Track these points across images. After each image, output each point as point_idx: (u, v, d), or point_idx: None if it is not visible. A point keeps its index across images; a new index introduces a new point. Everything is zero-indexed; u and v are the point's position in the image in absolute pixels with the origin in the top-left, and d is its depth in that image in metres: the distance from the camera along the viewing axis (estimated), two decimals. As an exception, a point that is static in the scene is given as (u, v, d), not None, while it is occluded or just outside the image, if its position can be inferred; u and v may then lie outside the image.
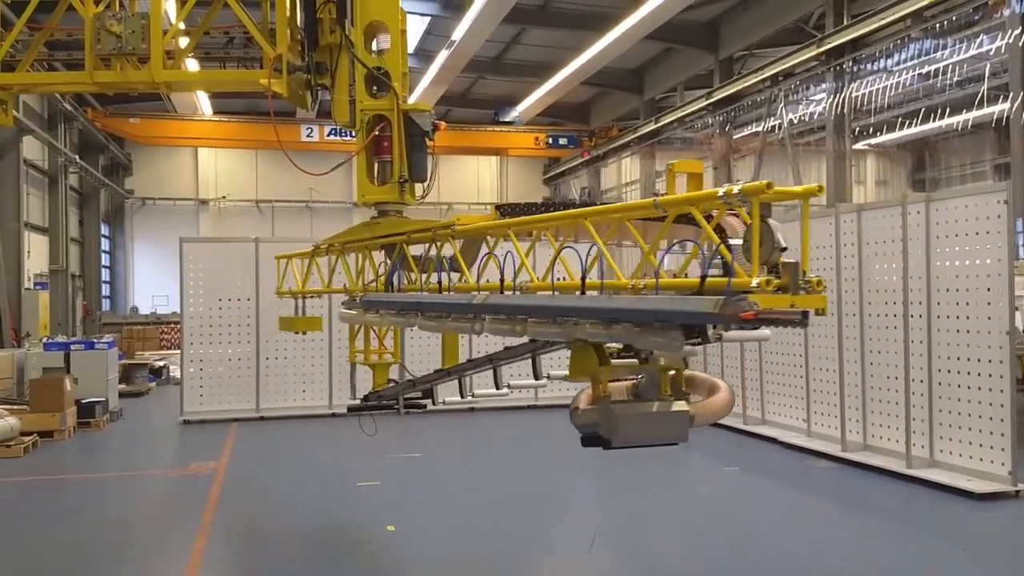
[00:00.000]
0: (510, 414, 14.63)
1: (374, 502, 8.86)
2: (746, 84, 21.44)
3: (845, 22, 17.95)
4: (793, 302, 3.60)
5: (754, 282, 3.14)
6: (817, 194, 3.27)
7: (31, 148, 22.88)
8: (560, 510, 8.71)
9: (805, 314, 3.50)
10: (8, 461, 11.04)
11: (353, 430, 8.80)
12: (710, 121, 24.18)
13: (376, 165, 6.44)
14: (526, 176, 37.37)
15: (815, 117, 21.59)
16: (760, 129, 22.92)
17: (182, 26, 6.56)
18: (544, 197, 37.60)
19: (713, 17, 22.96)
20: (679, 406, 4.56)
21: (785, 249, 3.54)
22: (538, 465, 11.02)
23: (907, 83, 18.88)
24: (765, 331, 4.04)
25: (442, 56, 22.54)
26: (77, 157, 26.28)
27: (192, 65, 7.67)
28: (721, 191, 3.20)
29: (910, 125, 23.19)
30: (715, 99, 22.85)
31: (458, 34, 20.71)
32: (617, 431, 4.42)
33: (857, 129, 21.95)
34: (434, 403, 7.18)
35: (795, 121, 21.77)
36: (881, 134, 26.02)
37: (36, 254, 23.51)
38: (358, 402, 7.48)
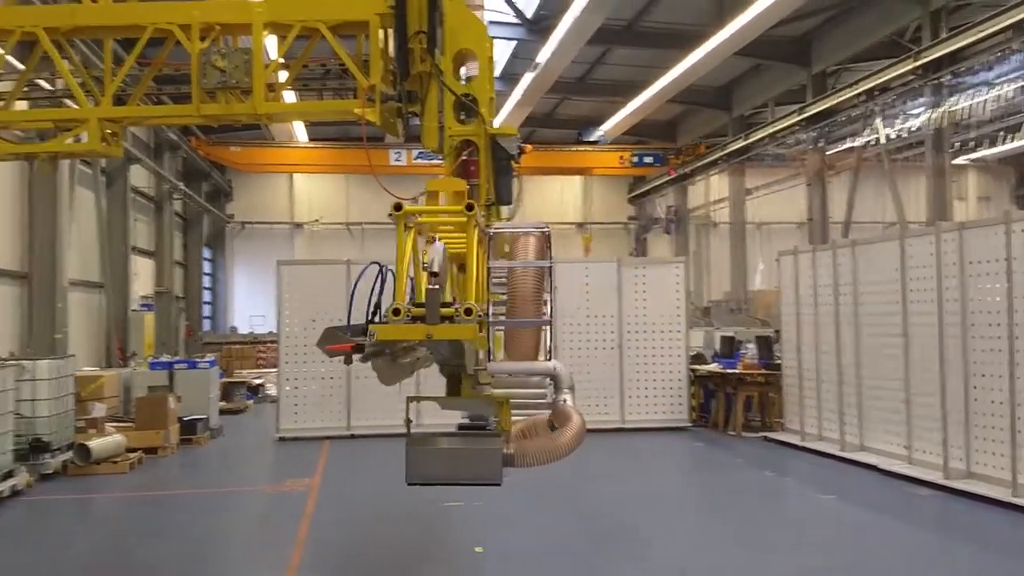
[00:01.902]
0: (595, 436, 14.47)
1: (461, 523, 8.93)
2: (840, 99, 20.96)
3: (943, 35, 17.40)
4: (431, 332, 3.51)
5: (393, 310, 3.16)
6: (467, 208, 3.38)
7: (138, 176, 24.02)
8: (649, 539, 8.55)
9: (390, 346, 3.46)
10: (115, 477, 11.53)
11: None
12: (803, 137, 23.69)
13: (463, 189, 6.54)
14: (611, 195, 37.24)
15: (913, 132, 20.93)
16: (855, 145, 22.34)
17: (281, 60, 6.82)
18: (628, 216, 37.42)
19: (804, 32, 22.57)
20: (490, 444, 4.24)
21: (436, 275, 3.45)
22: (626, 491, 10.91)
23: (1009, 96, 18.12)
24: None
25: (527, 78, 22.74)
26: (181, 184, 27.45)
27: (290, 96, 7.96)
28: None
29: (1012, 139, 22.25)
30: (808, 114, 22.40)
31: (543, 56, 20.87)
32: (409, 467, 4.26)
33: (957, 144, 21.21)
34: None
35: (892, 136, 21.15)
36: (982, 149, 25.02)
37: (142, 277, 24.61)
38: (466, 421, 7.45)
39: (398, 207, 4.21)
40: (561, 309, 15.06)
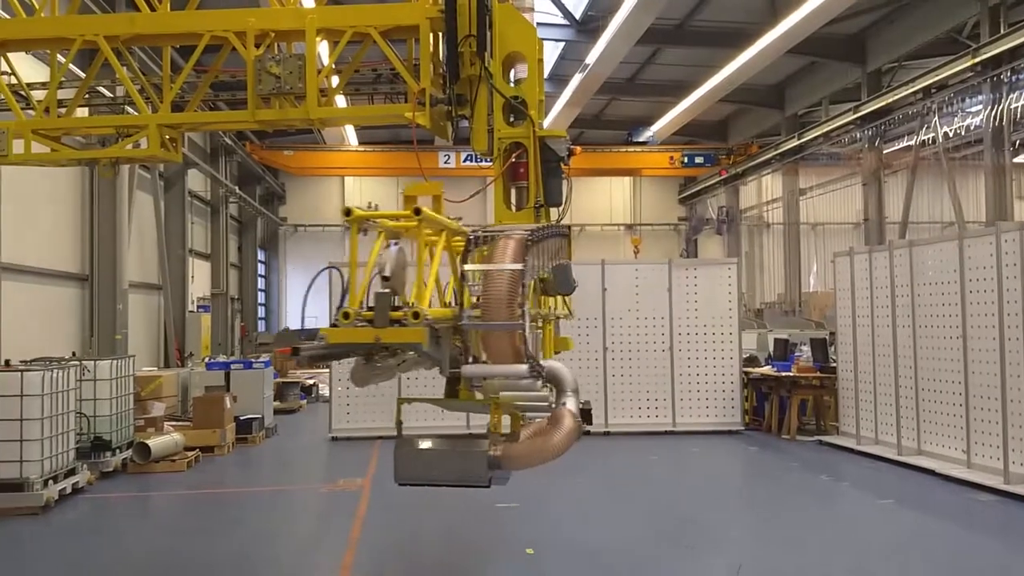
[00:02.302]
0: (647, 439, 14.46)
1: (513, 524, 8.95)
2: (896, 97, 20.57)
3: (1002, 31, 16.95)
4: (378, 336, 3.47)
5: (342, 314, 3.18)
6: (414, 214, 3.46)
7: (195, 180, 24.55)
8: (703, 541, 8.46)
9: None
10: (173, 475, 11.78)
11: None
12: (858, 136, 23.29)
13: (513, 191, 6.57)
14: (660, 196, 36.99)
15: (971, 130, 20.43)
16: (912, 144, 21.88)
17: (333, 65, 6.93)
18: (679, 217, 37.12)
19: (859, 30, 22.19)
20: (476, 446, 4.22)
21: (387, 278, 3.44)
22: (679, 493, 10.84)
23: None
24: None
25: (576, 80, 22.72)
26: (237, 188, 28.00)
27: (341, 101, 8.07)
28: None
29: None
30: (863, 113, 22.02)
31: (592, 57, 20.83)
32: (396, 467, 4.29)
33: (1017, 142, 20.64)
34: (590, 425, 7.13)
35: (950, 135, 20.68)
36: (1043, 146, 24.32)
37: (199, 279, 25.15)
38: None
39: (348, 212, 4.29)
40: (611, 310, 15.02)
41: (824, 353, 14.79)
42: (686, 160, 31.92)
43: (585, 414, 7.03)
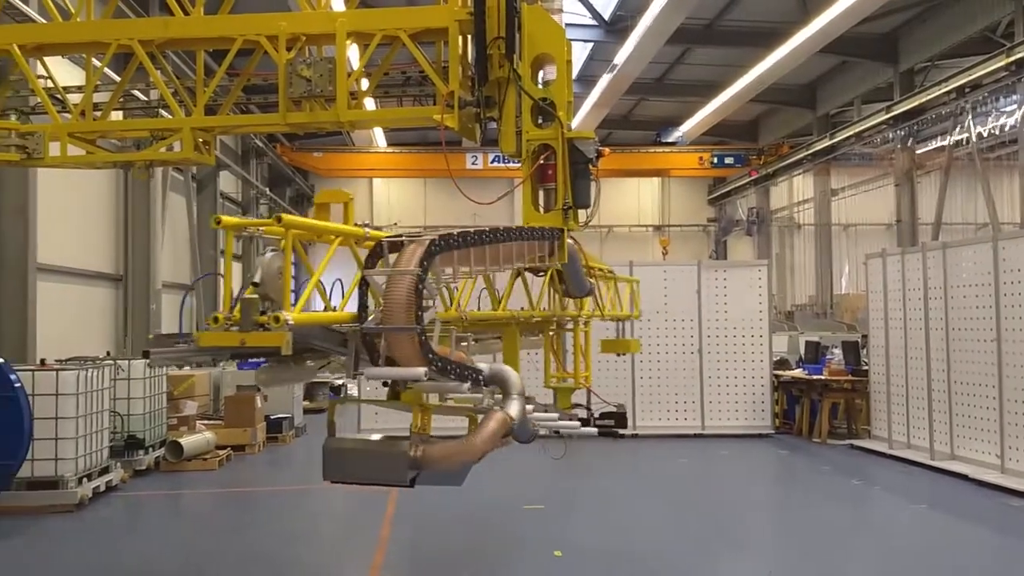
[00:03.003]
0: (675, 442, 14.39)
1: (540, 525, 8.95)
2: (929, 97, 20.30)
3: (1038, 28, 16.69)
4: (244, 339, 3.63)
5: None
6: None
7: (227, 182, 24.82)
8: (734, 545, 8.40)
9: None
10: (205, 473, 11.92)
11: (517, 450, 8.92)
12: (891, 136, 23.02)
13: (541, 192, 6.57)
14: (689, 197, 36.74)
15: (1006, 130, 20.11)
16: (945, 144, 21.59)
17: (363, 68, 6.98)
18: (708, 218, 36.88)
19: (891, 28, 21.94)
20: (396, 446, 4.29)
21: (257, 284, 3.68)
22: (708, 497, 10.78)
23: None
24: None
25: (604, 80, 22.67)
26: (267, 190, 28.25)
27: (370, 103, 8.12)
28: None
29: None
30: (896, 113, 21.75)
31: (621, 58, 20.78)
32: (323, 466, 4.41)
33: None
34: (624, 429, 7.12)
35: (984, 135, 20.38)
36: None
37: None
38: (612, 409, 7.43)
39: (218, 221, 4.38)
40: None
41: (856, 356, 14.63)
42: (716, 160, 31.72)
43: (619, 418, 7.01)
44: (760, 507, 10.28)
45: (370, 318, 4.42)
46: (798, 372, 15.46)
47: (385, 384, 4.48)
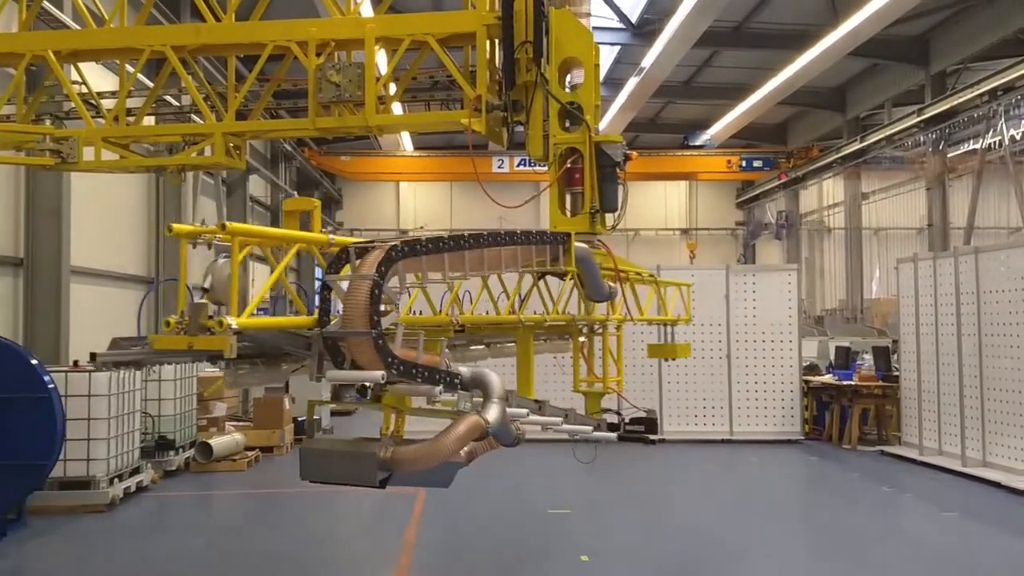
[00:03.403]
0: (703, 447, 14.30)
1: (567, 530, 8.93)
2: (961, 100, 20.01)
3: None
4: (191, 343, 3.80)
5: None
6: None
7: (256, 186, 25.04)
8: (761, 553, 8.31)
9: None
10: (234, 474, 12.03)
11: (543, 455, 8.95)
12: (922, 139, 22.74)
13: (568, 196, 6.57)
14: (717, 200, 36.49)
15: (1040, 133, 19.81)
16: (978, 147, 21.30)
17: (392, 73, 7.02)
18: (736, 222, 36.64)
19: (922, 31, 21.71)
20: (365, 448, 4.41)
21: (207, 290, 3.95)
22: (736, 503, 10.69)
23: None
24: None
25: (631, 83, 22.62)
26: (296, 193, 28.45)
27: (398, 108, 8.17)
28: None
29: None
30: (927, 116, 21.47)
31: (648, 61, 20.72)
32: (300, 466, 4.63)
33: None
34: (655, 435, 7.05)
35: (1017, 138, 20.07)
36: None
37: (259, 282, 25.59)
38: (642, 415, 7.39)
39: (169, 228, 4.57)
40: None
41: (887, 361, 14.46)
42: (744, 164, 31.48)
43: (650, 424, 6.96)
44: (789, 514, 10.20)
45: (333, 322, 4.49)
46: (828, 377, 15.32)
47: (362, 388, 4.54)
